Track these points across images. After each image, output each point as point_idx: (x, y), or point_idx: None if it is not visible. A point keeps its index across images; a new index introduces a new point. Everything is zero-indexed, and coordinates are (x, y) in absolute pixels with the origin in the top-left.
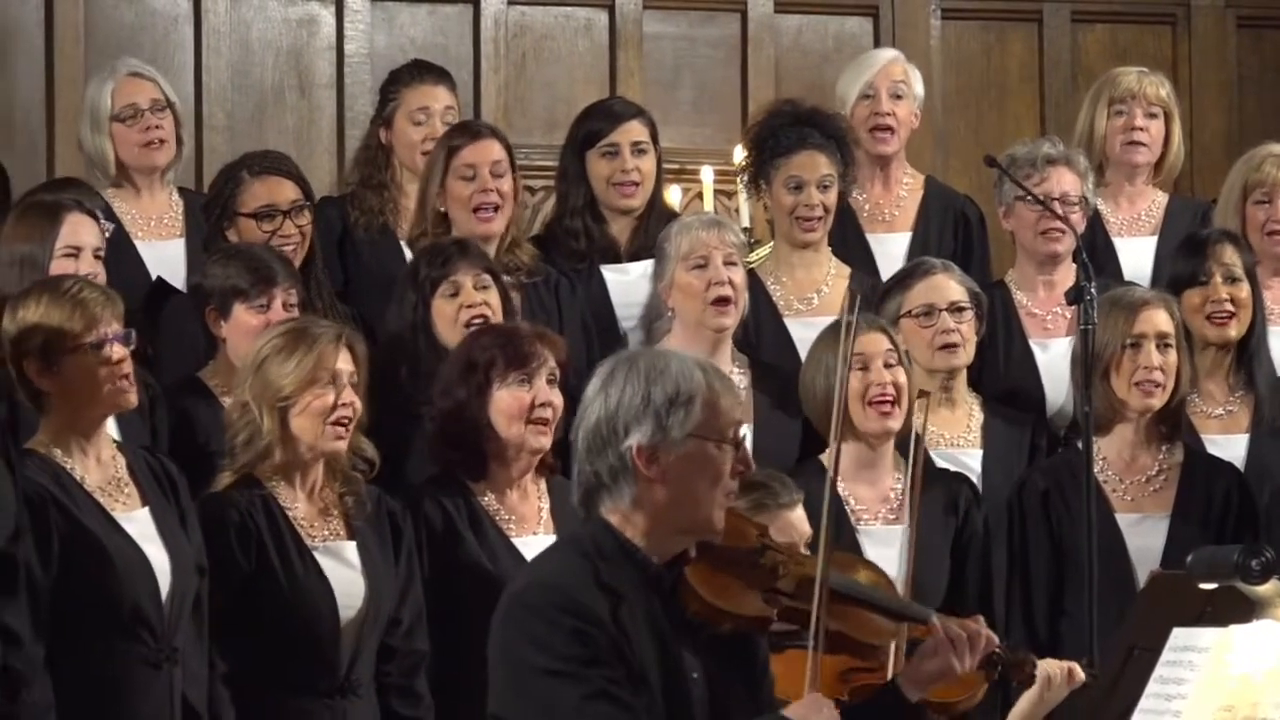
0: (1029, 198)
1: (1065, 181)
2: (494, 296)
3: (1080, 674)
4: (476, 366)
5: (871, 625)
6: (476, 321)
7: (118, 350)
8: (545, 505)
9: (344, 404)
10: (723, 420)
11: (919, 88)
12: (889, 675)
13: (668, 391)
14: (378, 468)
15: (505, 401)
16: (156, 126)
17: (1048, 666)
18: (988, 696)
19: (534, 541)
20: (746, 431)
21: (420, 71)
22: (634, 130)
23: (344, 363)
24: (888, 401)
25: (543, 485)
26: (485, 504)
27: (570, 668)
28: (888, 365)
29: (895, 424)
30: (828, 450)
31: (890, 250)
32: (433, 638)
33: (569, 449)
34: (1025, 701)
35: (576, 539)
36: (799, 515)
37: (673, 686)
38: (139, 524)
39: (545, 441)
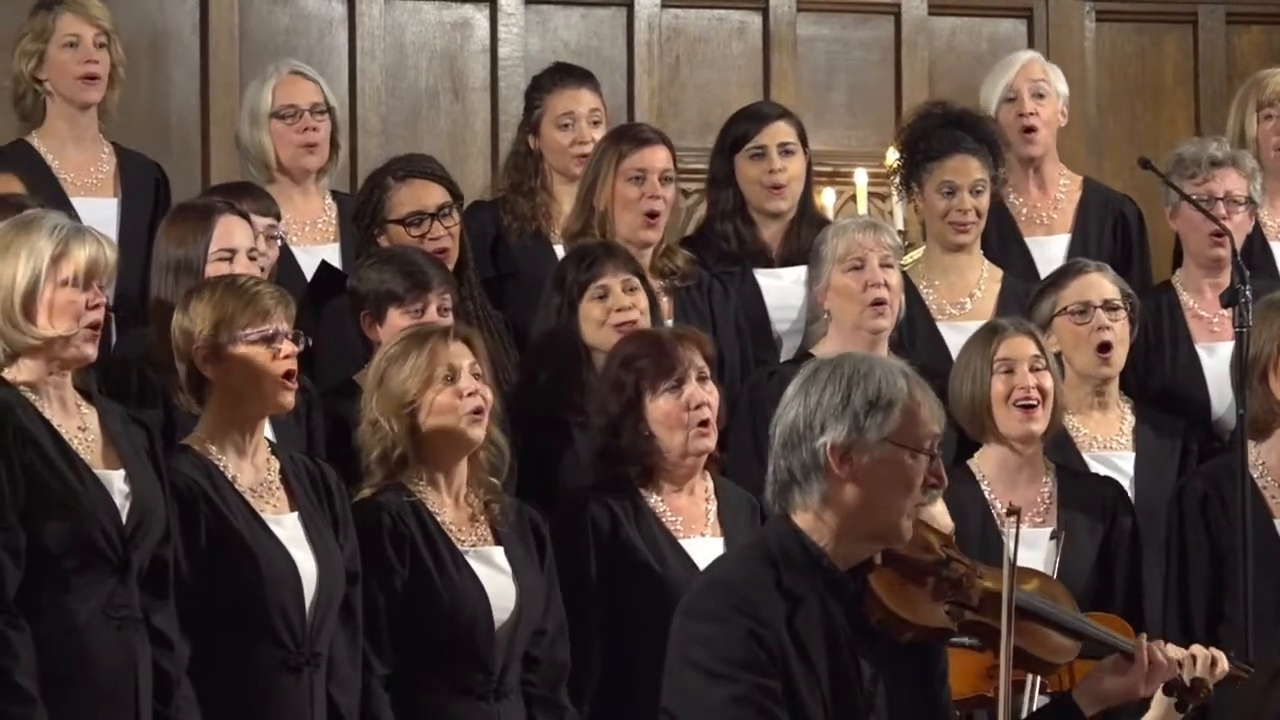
0: (1193, 200)
1: (1230, 182)
2: (642, 299)
3: (1224, 663)
4: (624, 383)
5: (1050, 643)
6: (626, 325)
7: (287, 346)
8: (713, 507)
9: (469, 394)
10: (921, 430)
11: (1061, 86)
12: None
13: (868, 394)
14: (508, 459)
15: (662, 411)
16: (313, 129)
17: (1189, 653)
18: None
19: (701, 543)
20: None
21: (562, 75)
22: (781, 131)
23: (460, 356)
24: (1032, 401)
25: (710, 487)
26: (653, 505)
27: (728, 670)
28: (1034, 369)
29: (1038, 426)
30: (976, 455)
31: (1049, 254)
32: (600, 639)
33: (737, 450)
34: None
35: (762, 541)
36: (940, 509)
37: (844, 694)
38: (287, 529)
39: (709, 443)
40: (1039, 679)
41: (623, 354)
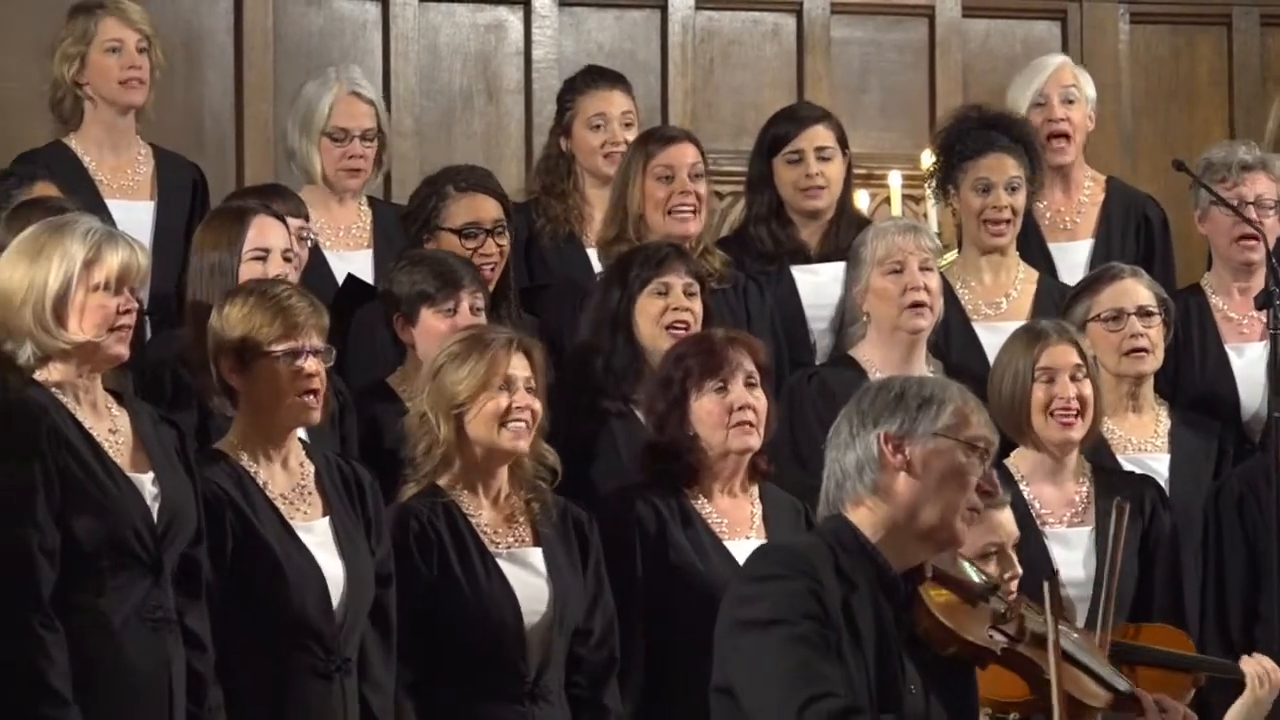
0: (1228, 202)
1: (1260, 185)
2: (698, 305)
3: None
4: (673, 380)
5: (1085, 687)
6: (679, 326)
7: (311, 364)
8: (758, 510)
9: (518, 407)
10: (972, 430)
11: (1090, 90)
12: None
13: (922, 394)
14: (559, 474)
15: (705, 409)
16: (360, 156)
17: (1257, 665)
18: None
19: (746, 546)
20: None
21: (594, 77)
22: (819, 135)
23: (518, 368)
24: (1071, 413)
25: (755, 490)
26: (698, 507)
27: (785, 616)
28: (1074, 379)
29: (1076, 434)
30: (1013, 454)
31: (1072, 259)
32: (644, 639)
33: (776, 452)
34: (1239, 707)
35: (818, 532)
36: (1007, 515)
37: (889, 690)
38: (317, 535)
39: (752, 441)
40: None
41: (675, 353)
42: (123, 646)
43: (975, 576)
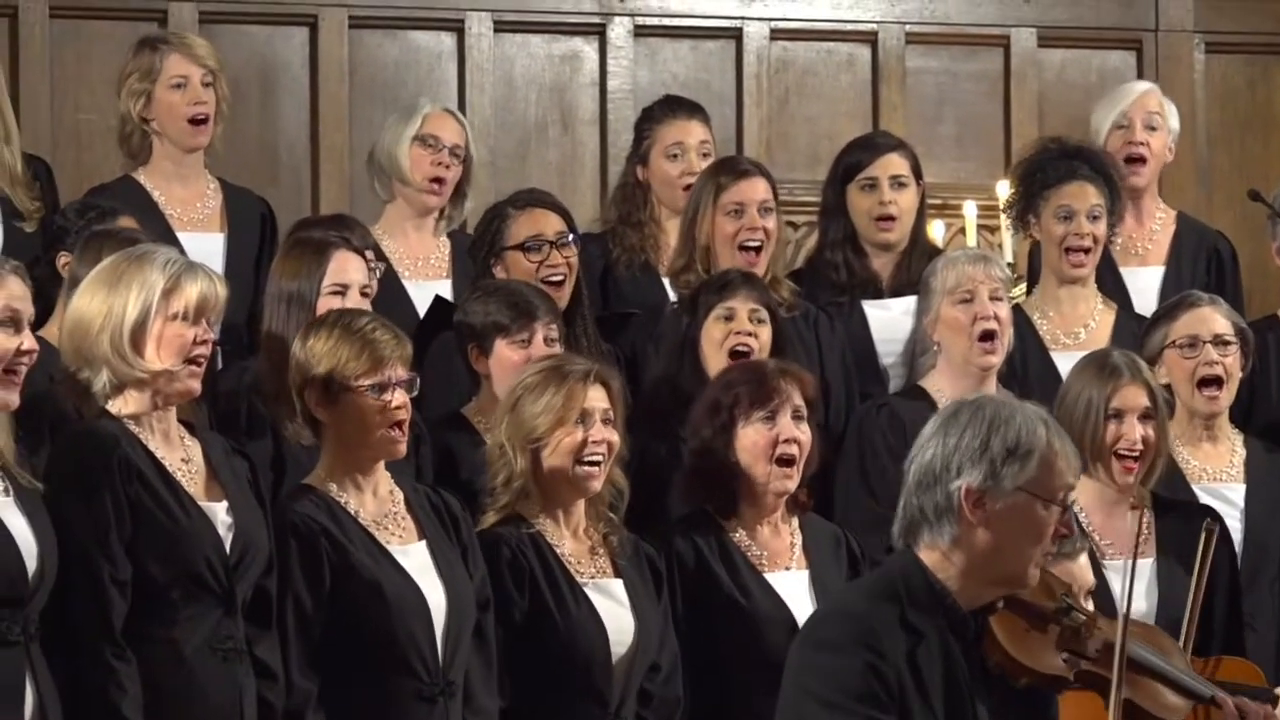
0: None
1: None
2: (766, 332)
3: None
4: (721, 405)
5: (1162, 699)
6: (741, 349)
7: (398, 396)
8: (798, 541)
9: (595, 441)
10: (1056, 481)
11: (1174, 121)
12: None
13: (1007, 442)
14: (626, 497)
15: (750, 439)
16: (445, 166)
17: None
18: None
19: (787, 577)
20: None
21: (673, 107)
22: (893, 164)
23: (596, 400)
24: (1132, 458)
25: (795, 521)
26: (737, 540)
27: (844, 701)
28: (1143, 418)
29: (1133, 479)
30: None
31: (1143, 285)
32: (687, 674)
33: (822, 484)
34: None
35: (888, 574)
36: (1081, 564)
37: None
38: (414, 558)
39: (790, 485)
40: None
41: (724, 379)
42: (194, 676)
43: (1051, 591)
